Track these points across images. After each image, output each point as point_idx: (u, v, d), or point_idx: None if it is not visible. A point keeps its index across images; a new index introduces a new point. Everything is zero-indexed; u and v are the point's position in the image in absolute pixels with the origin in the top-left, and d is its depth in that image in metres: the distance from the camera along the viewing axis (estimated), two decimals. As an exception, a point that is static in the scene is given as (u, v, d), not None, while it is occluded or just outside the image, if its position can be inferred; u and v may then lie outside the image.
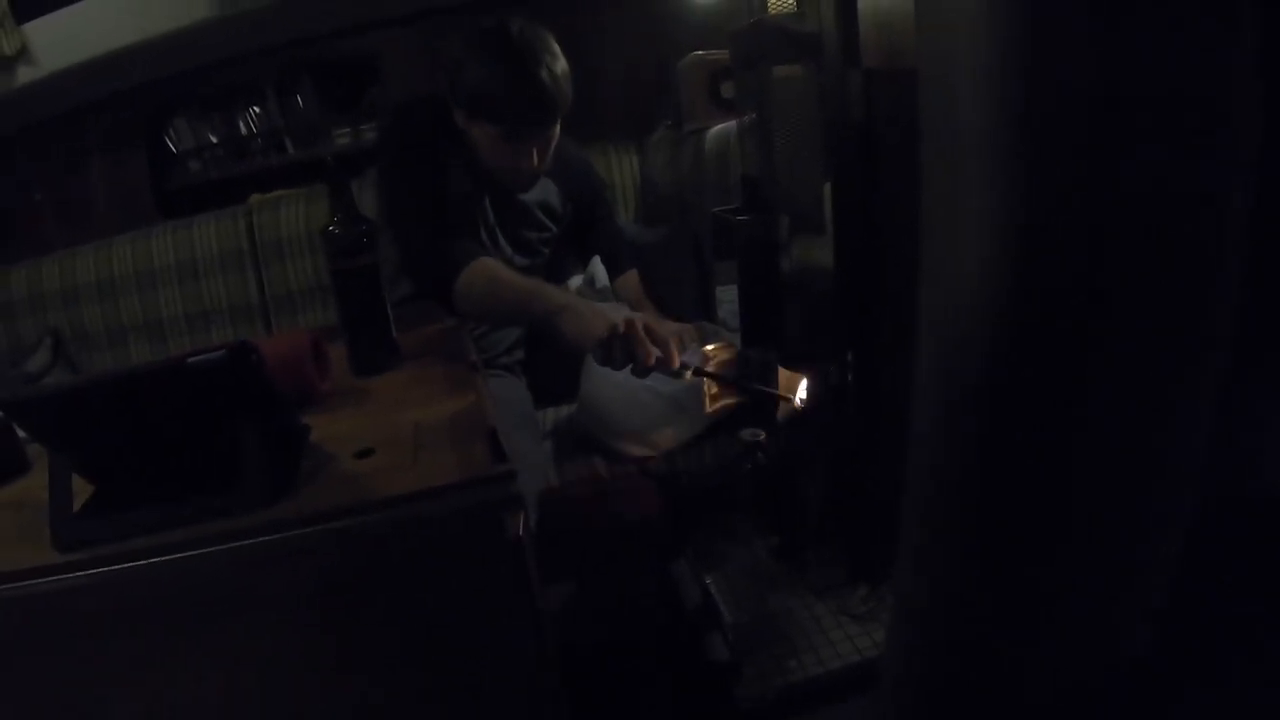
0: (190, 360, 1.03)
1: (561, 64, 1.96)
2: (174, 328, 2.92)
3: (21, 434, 1.36)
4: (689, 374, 1.58)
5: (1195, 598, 0.77)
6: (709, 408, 1.73)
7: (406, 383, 1.53)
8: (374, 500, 1.06)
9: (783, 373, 1.56)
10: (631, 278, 2.37)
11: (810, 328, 1.43)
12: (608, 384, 1.96)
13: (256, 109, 3.34)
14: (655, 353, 1.56)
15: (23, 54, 2.66)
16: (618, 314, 1.62)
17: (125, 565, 1.03)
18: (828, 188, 1.31)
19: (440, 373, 1.54)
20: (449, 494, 1.05)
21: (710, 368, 1.66)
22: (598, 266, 2.18)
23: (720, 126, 2.38)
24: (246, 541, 1.04)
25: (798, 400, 1.53)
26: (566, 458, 2.05)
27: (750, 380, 1.62)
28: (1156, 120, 0.63)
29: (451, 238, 1.97)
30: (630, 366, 1.59)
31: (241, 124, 3.34)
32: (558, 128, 2.05)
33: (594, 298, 2.07)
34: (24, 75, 2.69)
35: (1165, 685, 0.80)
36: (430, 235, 1.97)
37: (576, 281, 2.34)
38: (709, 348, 1.67)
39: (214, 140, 3.32)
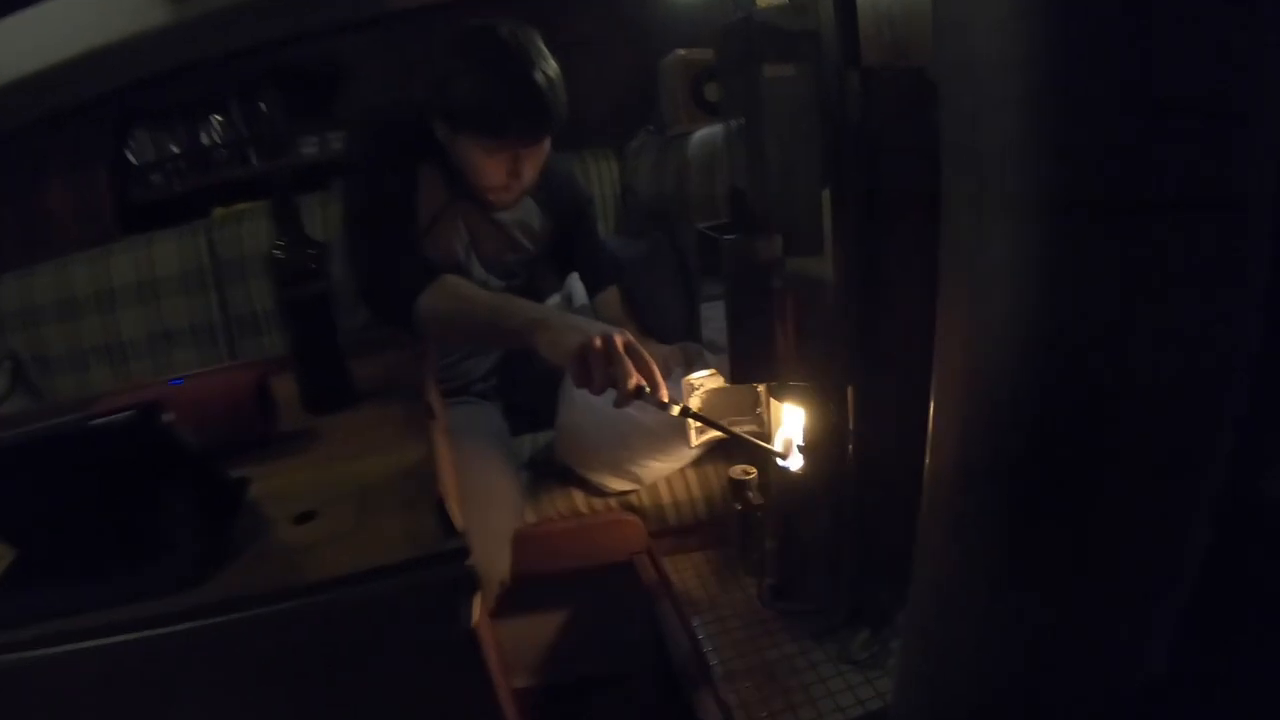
0: (94, 422, 0.90)
1: (554, 67, 1.82)
2: (135, 350, 2.83)
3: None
4: (675, 409, 1.43)
5: (1213, 610, 0.79)
6: (694, 441, 1.61)
7: (360, 425, 1.41)
8: (309, 582, 0.92)
9: (776, 407, 1.44)
10: (611, 295, 2.24)
11: (808, 359, 1.32)
12: (586, 413, 1.84)
13: (219, 119, 3.23)
14: (637, 377, 1.40)
15: (-25, 66, 2.59)
16: (599, 329, 1.47)
17: (35, 653, 0.90)
18: (826, 200, 1.20)
19: (398, 414, 1.41)
20: (393, 574, 0.91)
21: (697, 399, 1.54)
22: (576, 284, 2.06)
23: (705, 131, 2.28)
24: (165, 630, 0.91)
25: (792, 456, 1.42)
26: (544, 490, 1.94)
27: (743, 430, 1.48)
28: (1193, 122, 0.62)
29: (412, 258, 1.84)
30: (610, 392, 1.44)
31: (204, 135, 3.22)
32: (549, 140, 1.92)
33: None
34: (-22, 87, 2.63)
35: (1183, 700, 0.83)
36: (388, 256, 1.83)
37: (554, 300, 2.24)
38: (695, 377, 1.54)
39: (176, 152, 3.21)
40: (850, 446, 1.34)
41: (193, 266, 2.79)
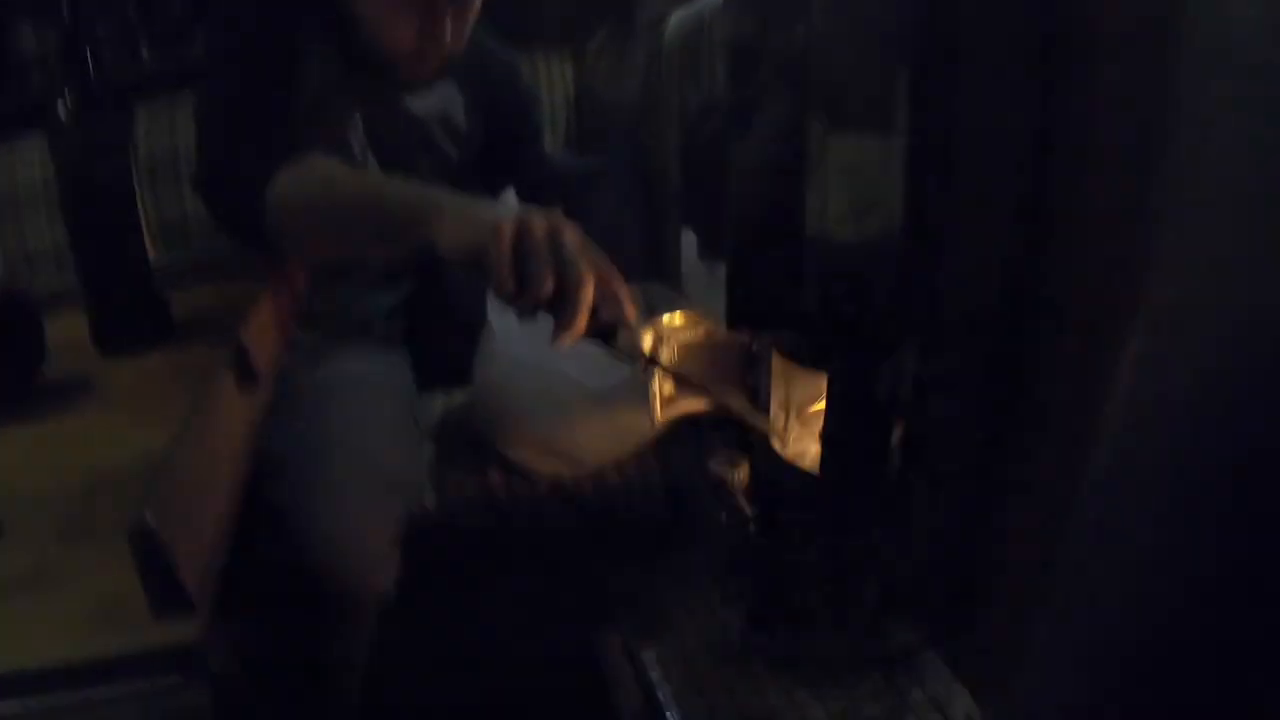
0: None
1: None
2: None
3: None
4: (641, 361, 1.05)
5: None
6: (659, 413, 1.31)
7: (160, 375, 1.07)
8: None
9: (779, 368, 1.09)
10: (556, 219, 1.85)
11: (848, 300, 0.96)
12: (511, 371, 1.49)
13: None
14: (592, 286, 0.98)
15: None
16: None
17: None
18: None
19: (220, 362, 1.04)
20: (66, 681, 0.47)
21: (667, 354, 1.22)
22: (511, 201, 1.66)
23: (684, 11, 1.97)
24: None
25: (801, 443, 1.10)
26: (453, 467, 1.60)
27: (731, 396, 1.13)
28: None
29: (273, 137, 1.40)
30: (544, 333, 1.01)
31: (89, 23, 2.84)
32: None
33: None
34: None
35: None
36: (238, 134, 1.40)
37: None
38: (668, 320, 1.23)
39: (58, 45, 2.81)
40: (896, 433, 1.03)
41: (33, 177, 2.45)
